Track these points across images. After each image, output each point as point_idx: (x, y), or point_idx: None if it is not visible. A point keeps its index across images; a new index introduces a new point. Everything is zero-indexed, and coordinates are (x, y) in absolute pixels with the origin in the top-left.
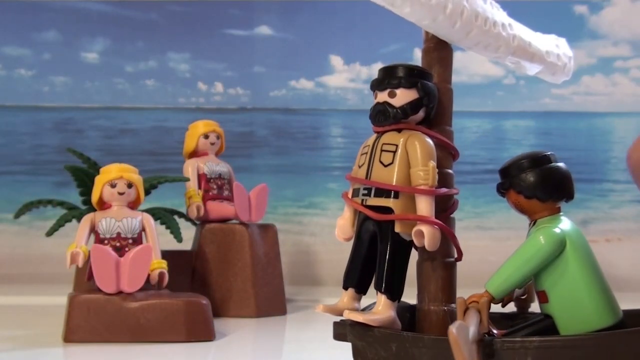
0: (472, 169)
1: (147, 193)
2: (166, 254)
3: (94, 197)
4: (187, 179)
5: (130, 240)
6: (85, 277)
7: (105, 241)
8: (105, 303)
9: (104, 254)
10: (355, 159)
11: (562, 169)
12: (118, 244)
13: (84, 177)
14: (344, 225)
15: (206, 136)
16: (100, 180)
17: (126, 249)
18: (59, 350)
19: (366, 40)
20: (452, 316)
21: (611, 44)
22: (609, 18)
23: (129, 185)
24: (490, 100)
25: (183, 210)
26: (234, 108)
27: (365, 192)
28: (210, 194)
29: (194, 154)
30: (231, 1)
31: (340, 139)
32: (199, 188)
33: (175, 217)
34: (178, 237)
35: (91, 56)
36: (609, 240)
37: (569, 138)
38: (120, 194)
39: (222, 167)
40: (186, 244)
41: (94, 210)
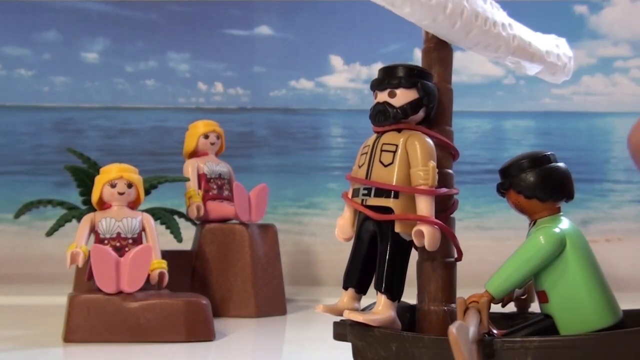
0: (472, 169)
1: (147, 193)
2: (166, 254)
3: (94, 197)
4: (187, 179)
5: (130, 240)
6: (85, 277)
7: (105, 241)
8: (105, 303)
9: (104, 254)
10: (355, 159)
11: (562, 169)
12: (118, 244)
13: (84, 177)
14: (344, 225)
15: (206, 136)
16: (100, 180)
17: (126, 249)
18: (59, 350)
19: (366, 40)
20: (452, 316)
21: (611, 44)
22: (609, 18)
23: (129, 185)
24: (490, 100)
25: (183, 210)
26: (234, 108)
27: (365, 192)
28: (210, 194)
29: (194, 154)
30: (231, 1)
31: (340, 139)
32: (199, 188)
33: (175, 217)
34: (178, 237)
35: (91, 56)
36: (609, 240)
37: (569, 138)
38: (120, 194)
39: (222, 167)
40: (186, 244)
41: (94, 210)
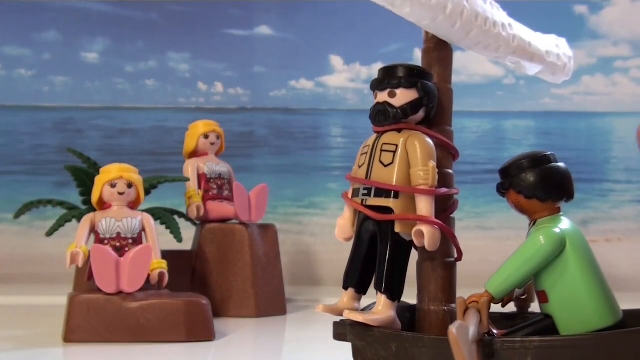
0: (472, 169)
1: (147, 193)
2: (166, 254)
3: (94, 197)
4: (187, 179)
5: (130, 240)
6: (85, 277)
7: (105, 241)
8: (105, 303)
9: (104, 254)
10: (355, 159)
11: (562, 169)
12: (118, 244)
13: (84, 177)
14: (344, 225)
15: (206, 136)
16: (100, 180)
17: (126, 249)
18: (59, 350)
19: (366, 40)
20: (452, 316)
21: (611, 44)
22: (609, 18)
23: (129, 185)
24: (490, 100)
25: (183, 210)
26: (234, 108)
27: (365, 192)
28: (210, 194)
29: (194, 154)
30: (231, 1)
31: (340, 139)
32: (199, 188)
33: (175, 217)
34: (178, 237)
35: (91, 56)
36: (609, 240)
37: (569, 138)
38: (120, 194)
39: (222, 167)
40: (186, 244)
41: (94, 210)
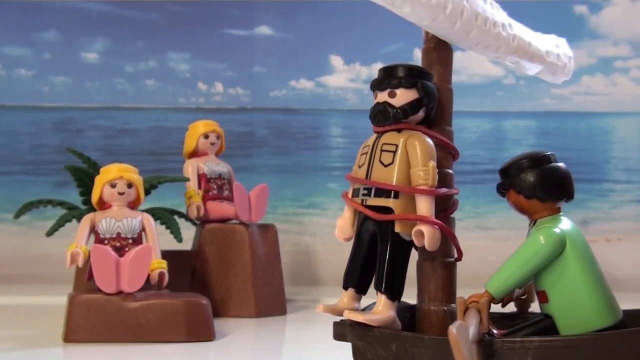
0: (472, 169)
1: (147, 193)
2: (166, 254)
3: (94, 197)
4: (187, 179)
5: (130, 240)
6: (85, 277)
7: (105, 241)
8: (105, 303)
9: (104, 254)
10: (355, 159)
11: (562, 169)
12: (118, 244)
13: (84, 177)
14: (344, 225)
15: (206, 136)
16: (100, 180)
17: (126, 249)
18: (59, 350)
19: (366, 40)
20: (452, 316)
21: (611, 44)
22: (609, 18)
23: (129, 185)
24: (490, 100)
25: (183, 210)
26: (234, 108)
27: (365, 192)
28: (210, 194)
29: (194, 154)
30: (231, 1)
31: (340, 139)
32: (199, 188)
33: (175, 217)
34: (178, 237)
35: (91, 56)
36: (609, 240)
37: (569, 138)
38: (120, 194)
39: (222, 167)
40: (186, 244)
41: (94, 210)
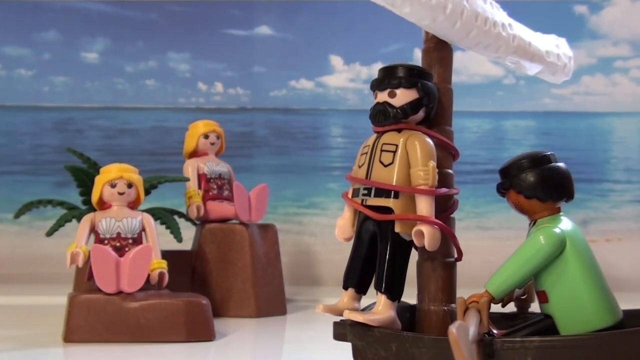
0: (472, 169)
1: (147, 193)
2: (166, 254)
3: (94, 197)
4: (187, 179)
5: (130, 240)
6: (85, 277)
7: (105, 241)
8: (105, 303)
9: (104, 254)
10: (355, 159)
11: (562, 169)
12: (118, 244)
13: (84, 177)
14: (344, 225)
15: (206, 136)
16: (100, 180)
17: (126, 249)
18: (59, 350)
19: (366, 40)
20: (452, 316)
21: (611, 44)
22: (609, 18)
23: (129, 185)
24: (490, 100)
25: (183, 210)
26: (234, 108)
27: (365, 192)
28: (210, 194)
29: (194, 154)
30: (231, 1)
31: (340, 139)
32: (199, 188)
33: (175, 217)
34: (178, 237)
35: (91, 56)
36: (609, 240)
37: (569, 138)
38: (120, 194)
39: (222, 167)
40: (186, 244)
41: (94, 210)
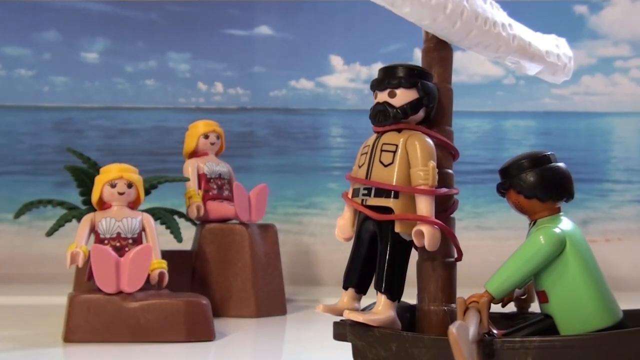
0: (472, 169)
1: (147, 193)
2: (166, 254)
3: (94, 197)
4: (187, 179)
5: (130, 240)
6: (85, 277)
7: (105, 241)
8: (105, 303)
9: (104, 254)
10: (355, 159)
11: (562, 169)
12: (118, 244)
13: (84, 177)
14: (344, 225)
15: (206, 136)
16: (100, 180)
17: (126, 249)
18: (59, 350)
19: (366, 40)
20: (452, 316)
21: (611, 44)
22: (609, 18)
23: (129, 185)
24: (490, 100)
25: (183, 210)
26: (234, 108)
27: (365, 192)
28: (210, 194)
29: (194, 154)
30: (231, 1)
31: (340, 139)
32: (199, 188)
33: (175, 217)
34: (178, 237)
35: (91, 56)
36: (609, 240)
37: (569, 138)
38: (120, 194)
39: (222, 167)
40: (186, 244)
41: (94, 210)
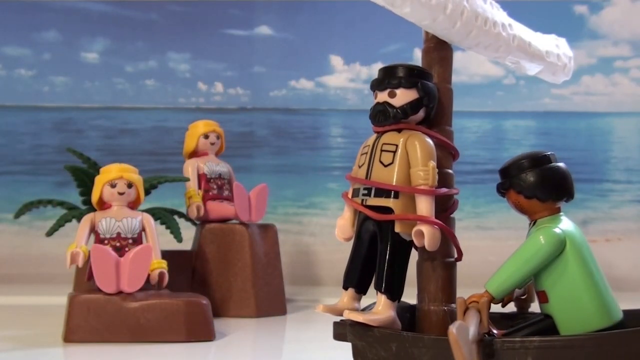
0: (472, 169)
1: (147, 193)
2: (166, 254)
3: (94, 197)
4: (187, 179)
5: (130, 240)
6: (85, 277)
7: (105, 241)
8: (105, 303)
9: (104, 254)
10: (355, 159)
11: (562, 169)
12: (118, 244)
13: (84, 177)
14: (344, 225)
15: (206, 136)
16: (100, 180)
17: (126, 249)
18: (59, 350)
19: (366, 40)
20: (452, 316)
21: (611, 44)
22: (609, 18)
23: (129, 185)
24: (490, 100)
25: (183, 210)
26: (234, 108)
27: (365, 192)
28: (210, 194)
29: (194, 154)
30: (231, 1)
31: (340, 139)
32: (199, 188)
33: (175, 217)
34: (178, 237)
35: (91, 56)
36: (609, 240)
37: (569, 138)
38: (120, 194)
39: (222, 167)
40: (186, 244)
41: (94, 210)
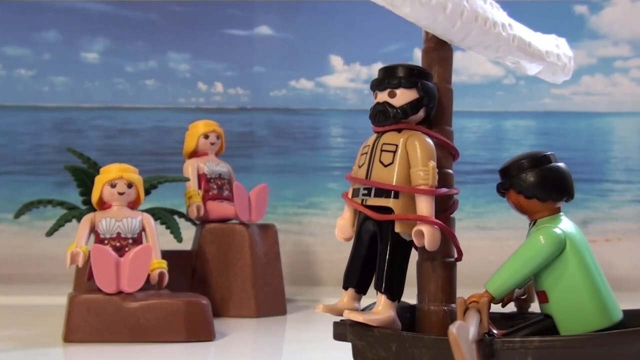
0: (472, 169)
1: (147, 193)
2: (166, 254)
3: (94, 197)
4: (187, 179)
5: (130, 240)
6: (85, 277)
7: (105, 241)
8: (105, 303)
9: (104, 254)
10: (355, 159)
11: (562, 169)
12: (118, 244)
13: (84, 177)
14: (344, 225)
15: (206, 136)
16: (100, 180)
17: (126, 249)
18: (59, 350)
19: (366, 40)
20: (452, 316)
21: (611, 44)
22: (609, 18)
23: (129, 185)
24: (490, 100)
25: (183, 210)
26: (234, 108)
27: (365, 192)
28: (210, 194)
29: (194, 154)
30: (231, 1)
31: (340, 139)
32: (199, 188)
33: (175, 217)
34: (178, 237)
35: (91, 56)
36: (609, 240)
37: (569, 138)
38: (120, 194)
39: (222, 167)
40: (186, 244)
41: (94, 210)
